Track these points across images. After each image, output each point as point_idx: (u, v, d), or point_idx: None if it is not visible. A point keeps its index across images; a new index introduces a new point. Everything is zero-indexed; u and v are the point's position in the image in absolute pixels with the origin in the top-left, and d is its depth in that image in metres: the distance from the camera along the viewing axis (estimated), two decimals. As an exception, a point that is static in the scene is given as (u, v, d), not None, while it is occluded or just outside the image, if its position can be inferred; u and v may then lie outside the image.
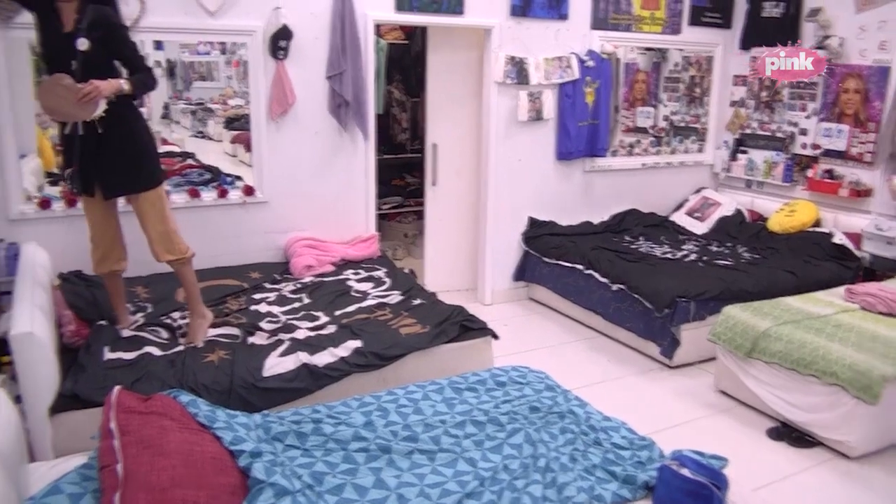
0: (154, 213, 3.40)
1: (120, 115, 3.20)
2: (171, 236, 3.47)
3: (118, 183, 3.34)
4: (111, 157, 3.24)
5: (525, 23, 5.38)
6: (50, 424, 2.88)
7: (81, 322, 3.54)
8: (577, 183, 5.97)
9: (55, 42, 3.10)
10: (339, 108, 4.83)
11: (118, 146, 3.24)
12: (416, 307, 4.03)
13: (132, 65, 3.22)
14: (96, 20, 3.05)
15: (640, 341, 4.72)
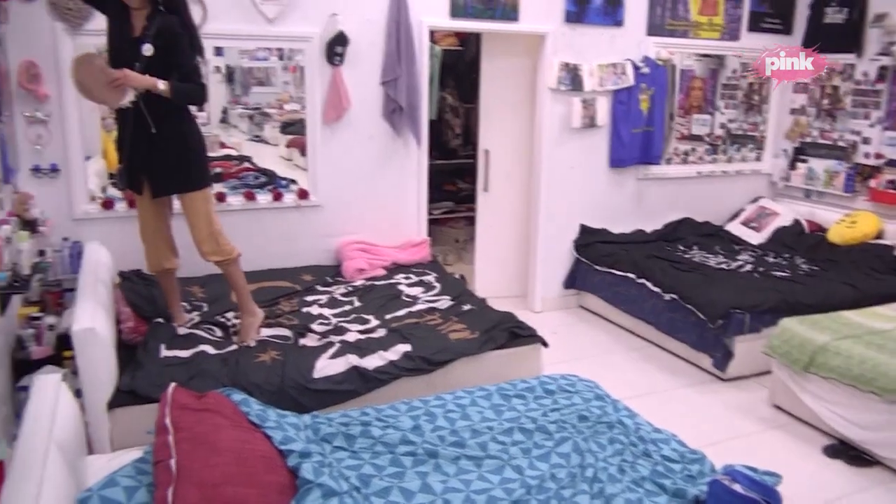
0: (201, 214, 3.48)
1: (172, 116, 3.31)
2: (216, 237, 3.54)
3: (166, 182, 3.44)
4: (161, 156, 3.34)
5: (580, 29, 5.35)
6: (108, 418, 2.96)
7: (140, 319, 3.65)
8: (630, 191, 5.91)
9: (122, 45, 3.21)
10: (392, 114, 4.88)
11: (169, 146, 3.34)
12: (466, 313, 4.04)
13: (184, 75, 3.28)
14: (162, 28, 3.16)
15: (692, 353, 4.64)
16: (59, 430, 2.10)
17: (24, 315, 3.43)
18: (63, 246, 4.14)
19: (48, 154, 4.14)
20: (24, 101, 4.02)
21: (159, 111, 3.25)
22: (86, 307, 3.02)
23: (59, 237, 4.17)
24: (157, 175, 3.40)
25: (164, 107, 3.24)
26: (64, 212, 4.22)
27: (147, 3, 3.21)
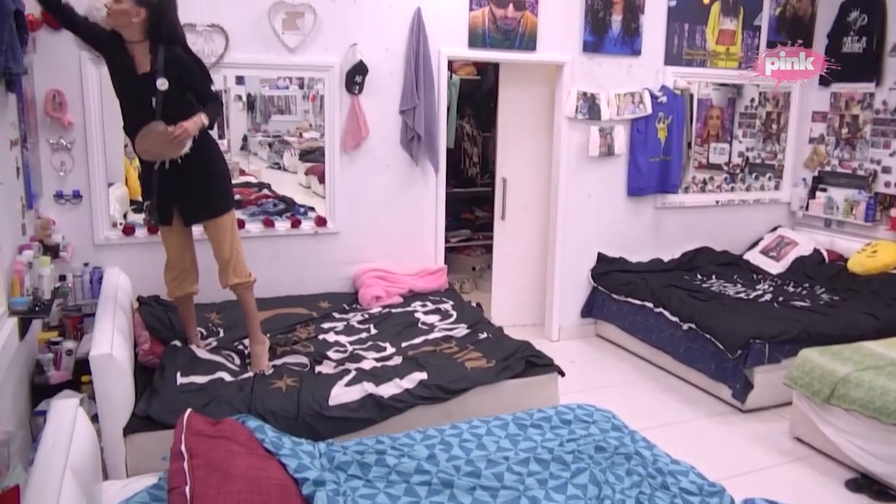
0: (228, 237, 3.54)
1: (198, 144, 3.35)
2: (239, 258, 3.61)
3: (195, 210, 3.50)
4: (190, 185, 3.40)
5: (597, 58, 5.38)
6: (124, 444, 2.97)
7: (156, 342, 3.68)
8: (648, 219, 5.89)
9: (132, 82, 3.25)
10: (411, 142, 4.92)
11: (197, 174, 3.40)
12: (483, 341, 4.03)
13: (203, 96, 3.37)
14: (170, 60, 3.22)
15: (711, 383, 4.59)
16: (75, 455, 2.10)
17: (44, 339, 3.47)
18: (84, 271, 4.19)
19: (71, 180, 4.20)
20: (49, 128, 4.10)
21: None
22: (104, 332, 3.04)
23: (80, 262, 4.21)
24: (187, 203, 3.47)
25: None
26: (85, 237, 4.27)
27: (146, 36, 3.23)
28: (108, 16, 3.18)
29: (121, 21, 3.17)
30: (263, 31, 4.48)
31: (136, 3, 3.15)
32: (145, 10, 3.17)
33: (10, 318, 2.74)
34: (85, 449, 2.23)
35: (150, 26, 3.21)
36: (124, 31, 3.21)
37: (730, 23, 5.81)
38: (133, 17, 3.15)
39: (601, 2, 5.29)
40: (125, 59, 3.25)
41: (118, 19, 3.16)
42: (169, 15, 3.26)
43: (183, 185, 3.40)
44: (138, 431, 3.00)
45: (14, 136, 3.29)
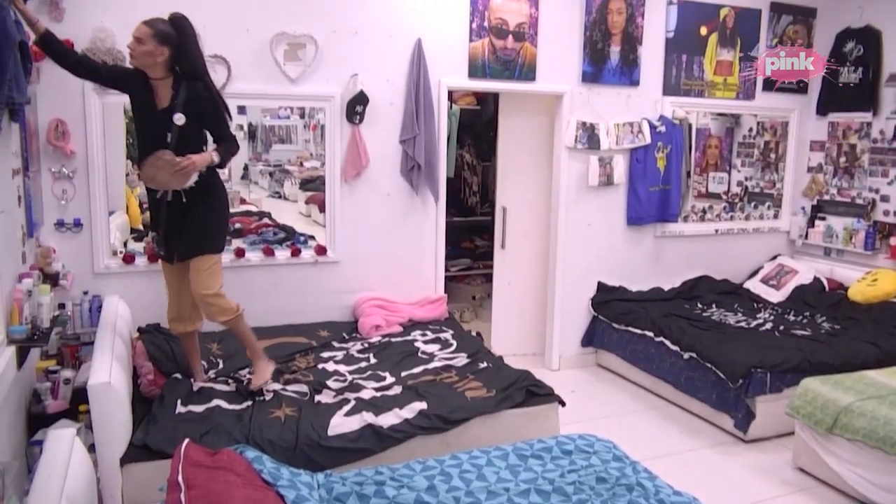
0: (205, 275, 3.45)
1: (206, 186, 3.39)
2: (220, 297, 3.50)
3: (188, 246, 3.46)
4: (191, 224, 3.40)
5: (596, 89, 5.43)
6: (121, 474, 2.94)
7: (160, 374, 3.66)
8: (648, 248, 5.90)
9: (151, 117, 3.30)
10: (411, 171, 4.94)
11: (198, 215, 3.41)
12: (483, 370, 4.01)
13: (219, 135, 3.42)
14: (190, 96, 3.26)
15: (712, 412, 4.56)
16: (71, 486, 2.08)
17: (42, 368, 3.45)
18: (83, 299, 4.18)
19: (72, 209, 4.21)
20: (51, 157, 4.12)
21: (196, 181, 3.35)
22: (103, 361, 3.03)
23: (80, 291, 4.21)
24: (185, 241, 3.45)
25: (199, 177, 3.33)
26: (85, 266, 4.27)
27: (169, 72, 3.29)
28: (132, 58, 3.25)
29: (145, 62, 3.24)
30: (265, 62, 4.52)
31: (158, 43, 3.20)
32: (168, 48, 3.23)
33: (9, 346, 2.73)
34: (81, 479, 2.21)
35: (173, 63, 3.28)
36: (148, 70, 3.28)
37: (727, 53, 5.87)
38: (157, 56, 3.22)
39: (599, 33, 5.35)
40: (147, 95, 3.31)
41: (143, 60, 3.23)
42: (190, 50, 3.30)
43: (186, 224, 3.40)
44: (135, 461, 2.97)
45: (16, 164, 3.31)
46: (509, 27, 5.07)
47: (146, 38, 3.19)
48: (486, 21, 5.01)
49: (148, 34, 3.19)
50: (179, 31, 3.26)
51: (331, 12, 4.62)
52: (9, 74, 2.77)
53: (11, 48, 2.79)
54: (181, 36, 3.26)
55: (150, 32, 3.19)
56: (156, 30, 3.20)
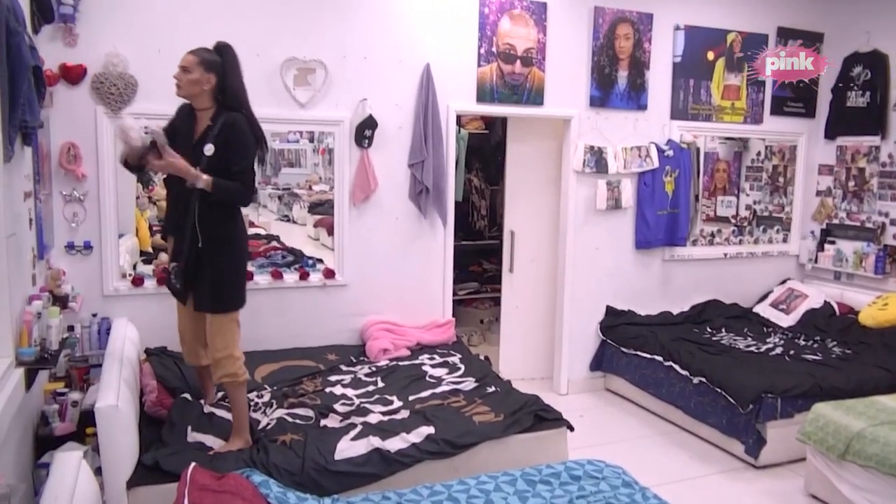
0: (224, 335, 3.32)
1: (222, 229, 3.24)
2: (232, 355, 3.34)
3: (204, 299, 3.31)
4: (207, 272, 3.23)
5: (604, 113, 5.45)
6: (127, 498, 2.92)
7: (165, 392, 3.65)
8: (656, 272, 5.88)
9: (184, 147, 3.14)
10: (419, 195, 4.95)
11: (213, 264, 3.23)
12: (490, 395, 3.99)
13: (234, 173, 3.18)
14: (225, 125, 3.16)
15: (723, 438, 4.52)
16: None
17: (50, 390, 3.45)
18: (92, 322, 4.19)
19: (83, 231, 4.24)
20: (62, 180, 4.16)
21: (209, 221, 3.17)
22: (110, 384, 3.03)
23: (89, 313, 4.22)
24: (200, 290, 3.29)
25: (214, 217, 3.18)
26: (95, 288, 4.29)
27: (214, 102, 3.22)
28: (179, 88, 3.18)
29: (192, 90, 3.17)
30: (275, 87, 4.56)
31: (205, 70, 3.15)
32: (214, 76, 3.17)
33: (17, 368, 2.74)
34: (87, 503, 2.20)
35: (217, 92, 3.21)
36: (194, 101, 3.22)
37: (734, 78, 5.90)
38: (203, 84, 3.16)
39: (607, 58, 5.38)
40: (187, 127, 3.25)
41: (190, 89, 3.16)
42: (234, 78, 3.24)
43: (201, 270, 3.23)
44: (141, 485, 2.96)
45: (28, 187, 3.33)
46: (517, 52, 5.11)
47: (192, 66, 3.14)
48: (494, 46, 5.05)
49: (194, 62, 3.14)
50: (224, 58, 3.21)
51: (340, 38, 4.67)
52: (22, 98, 2.80)
53: (25, 73, 2.82)
54: (226, 63, 3.21)
55: (196, 60, 3.14)
56: (201, 57, 3.16)
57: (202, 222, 3.15)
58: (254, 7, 4.46)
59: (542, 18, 5.15)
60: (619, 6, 5.38)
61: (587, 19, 5.33)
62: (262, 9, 4.48)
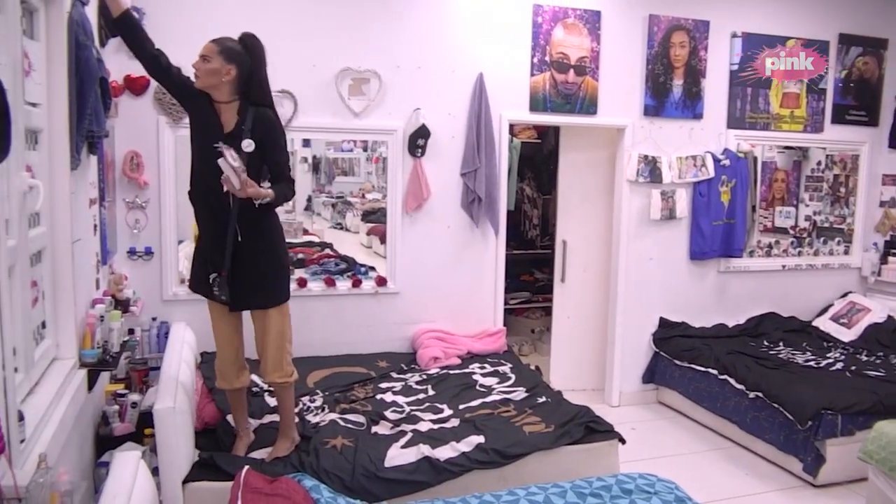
0: (272, 329, 3.23)
1: (261, 223, 3.11)
2: (283, 355, 3.28)
3: (245, 296, 3.16)
4: (245, 268, 3.10)
5: (658, 122, 5.39)
6: (182, 497, 2.99)
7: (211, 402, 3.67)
8: (711, 284, 5.78)
9: (215, 140, 2.91)
10: (471, 204, 4.97)
11: (254, 259, 3.11)
12: (541, 405, 3.97)
13: (279, 171, 3.12)
14: (258, 121, 3.03)
15: (779, 455, 4.40)
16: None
17: (111, 392, 3.55)
18: (151, 325, 4.31)
19: (144, 237, 4.37)
20: (125, 187, 4.29)
21: (247, 218, 3.05)
22: (168, 386, 3.10)
23: (149, 317, 4.34)
24: (238, 288, 3.12)
25: (253, 213, 3.03)
26: (154, 293, 4.41)
27: (236, 96, 3.05)
28: (197, 77, 3.01)
29: (210, 81, 2.99)
30: (330, 96, 4.64)
31: (225, 61, 2.96)
32: (235, 67, 2.99)
33: (80, 369, 2.83)
34: (145, 502, 2.25)
35: (239, 84, 3.03)
36: (213, 92, 3.03)
37: (794, 86, 5.77)
38: (223, 75, 2.98)
39: (662, 66, 5.33)
40: (212, 117, 3.06)
41: (207, 79, 2.99)
42: (259, 74, 3.07)
43: (237, 268, 3.09)
44: (197, 481, 3.02)
45: (93, 195, 3.45)
46: (570, 61, 5.09)
47: (212, 54, 2.96)
48: (547, 55, 5.04)
49: (214, 51, 2.97)
50: (250, 51, 3.03)
51: (395, 48, 4.73)
52: (89, 109, 2.91)
53: (93, 84, 2.93)
54: (251, 56, 3.03)
55: (217, 49, 2.97)
56: (223, 46, 2.98)
57: (241, 222, 3.04)
58: (311, 19, 4.54)
59: (596, 27, 5.13)
60: (674, 14, 5.32)
61: (641, 27, 5.29)
62: (318, 20, 4.56)
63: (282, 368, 3.28)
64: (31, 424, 2.12)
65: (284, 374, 3.29)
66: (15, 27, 2.21)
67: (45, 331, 2.68)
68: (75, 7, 2.84)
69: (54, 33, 2.69)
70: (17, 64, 2.25)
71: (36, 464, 1.87)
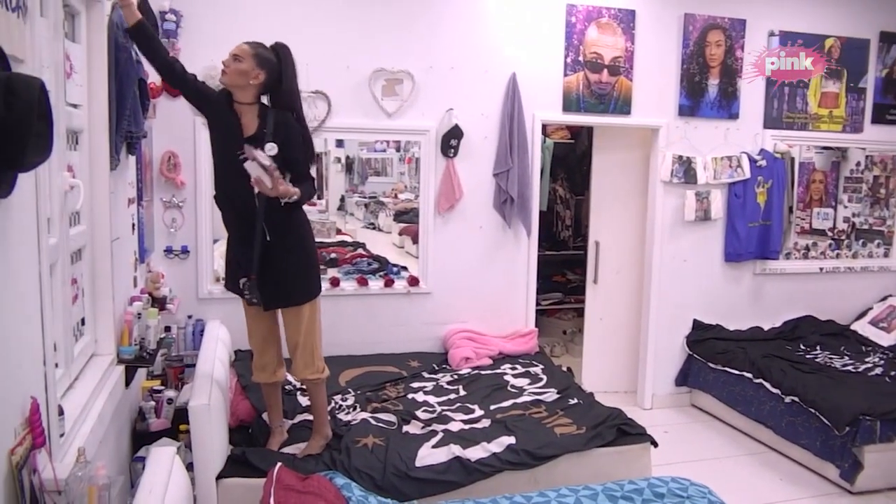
0: (303, 326, 3.24)
1: (289, 222, 3.11)
2: (315, 352, 3.30)
3: (276, 294, 3.17)
4: (274, 266, 3.10)
5: (693, 122, 5.33)
6: (216, 492, 3.03)
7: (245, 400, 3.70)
8: (747, 286, 5.70)
9: (236, 144, 2.93)
10: (503, 204, 4.96)
11: (283, 256, 3.11)
12: (573, 407, 3.95)
13: (301, 172, 3.13)
14: (279, 124, 3.03)
15: (815, 461, 4.33)
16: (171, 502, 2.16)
17: (147, 388, 3.62)
18: (187, 323, 4.37)
19: (181, 236, 4.44)
20: (163, 187, 4.36)
21: (274, 217, 3.05)
22: (203, 383, 3.15)
23: (185, 314, 4.41)
24: (269, 286, 3.13)
25: (280, 212, 3.04)
26: (190, 291, 4.47)
27: (257, 100, 3.08)
28: (224, 74, 3.00)
29: (238, 81, 2.99)
30: (364, 97, 4.66)
31: (257, 65, 2.98)
32: (265, 72, 3.01)
33: (118, 365, 2.89)
34: (180, 497, 2.29)
35: (265, 89, 3.07)
36: (237, 92, 3.04)
37: (833, 85, 5.67)
38: (251, 78, 2.99)
39: (697, 66, 5.27)
40: (231, 119, 3.05)
41: (236, 78, 2.98)
42: (289, 84, 3.09)
43: (268, 266, 3.09)
44: (231, 476, 3.07)
45: (132, 194, 3.52)
46: (604, 61, 5.06)
47: (245, 56, 2.97)
48: (580, 55, 5.01)
49: (248, 53, 2.98)
50: (281, 60, 3.06)
51: (428, 48, 4.74)
52: (128, 110, 2.96)
53: (132, 85, 2.99)
54: (282, 65, 3.06)
55: (251, 52, 2.99)
56: (256, 51, 3.00)
57: (269, 221, 3.03)
58: (344, 21, 4.57)
59: (630, 27, 5.09)
60: (710, 12, 5.26)
61: (677, 26, 5.23)
62: (351, 22, 4.59)
63: (313, 364, 3.30)
64: (71, 419, 2.17)
65: (315, 370, 3.32)
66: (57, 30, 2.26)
67: (84, 327, 2.73)
68: (115, 10, 2.89)
69: (95, 36, 2.75)
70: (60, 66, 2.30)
71: (75, 457, 1.91)
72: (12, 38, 1.61)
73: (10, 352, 1.65)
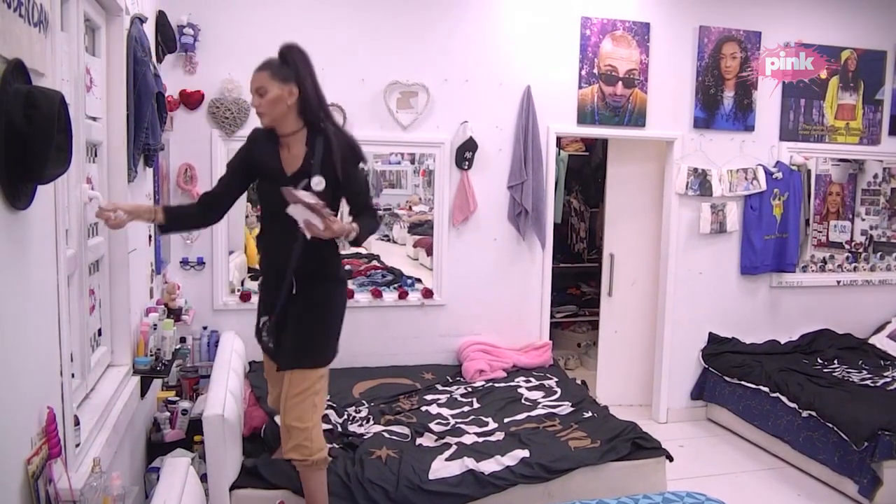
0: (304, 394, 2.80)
1: (323, 271, 2.84)
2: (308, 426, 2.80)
3: (288, 354, 2.86)
4: (292, 323, 2.82)
5: (708, 134, 5.31)
6: (230, 501, 3.03)
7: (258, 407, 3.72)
8: (763, 299, 5.66)
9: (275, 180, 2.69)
10: (518, 217, 4.96)
11: (306, 312, 2.82)
12: (587, 420, 3.93)
13: (360, 204, 2.86)
14: (328, 153, 2.73)
15: (833, 476, 4.28)
16: (185, 513, 2.18)
17: (162, 398, 3.64)
18: (202, 334, 4.40)
19: (196, 248, 4.46)
20: (179, 199, 4.39)
21: (306, 268, 2.77)
22: (218, 394, 3.16)
23: (200, 326, 4.43)
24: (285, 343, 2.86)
25: (313, 264, 2.78)
26: (206, 302, 4.50)
27: (302, 122, 2.77)
28: (262, 116, 2.74)
29: (277, 112, 2.71)
30: (379, 110, 4.69)
31: (282, 83, 2.68)
32: (295, 84, 2.70)
33: (134, 376, 2.90)
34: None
35: (304, 103, 2.73)
36: (280, 124, 2.75)
37: (849, 97, 5.64)
38: (287, 99, 2.69)
39: (712, 78, 5.26)
40: (273, 160, 2.77)
41: (274, 111, 2.71)
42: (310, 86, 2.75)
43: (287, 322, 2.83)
44: (244, 487, 3.07)
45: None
46: (619, 74, 5.06)
47: (266, 83, 2.68)
48: (595, 68, 5.02)
49: (266, 77, 2.68)
50: (295, 64, 2.73)
51: (443, 61, 4.76)
52: (146, 122, 3.00)
53: (150, 99, 3.02)
54: (299, 69, 2.72)
55: (268, 75, 2.68)
56: (273, 70, 2.70)
57: (306, 261, 2.74)
58: (359, 34, 4.60)
59: (645, 39, 5.09)
60: (725, 25, 5.25)
61: (692, 39, 5.23)
62: (366, 35, 4.62)
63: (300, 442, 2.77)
64: (86, 429, 2.19)
65: (303, 451, 2.78)
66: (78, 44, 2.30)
67: (100, 338, 2.76)
68: (134, 25, 2.93)
69: (114, 50, 2.79)
70: (80, 79, 2.33)
71: (90, 467, 1.93)
72: (34, 52, 1.63)
73: (28, 361, 1.66)
